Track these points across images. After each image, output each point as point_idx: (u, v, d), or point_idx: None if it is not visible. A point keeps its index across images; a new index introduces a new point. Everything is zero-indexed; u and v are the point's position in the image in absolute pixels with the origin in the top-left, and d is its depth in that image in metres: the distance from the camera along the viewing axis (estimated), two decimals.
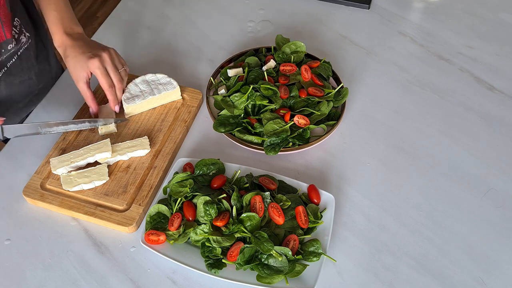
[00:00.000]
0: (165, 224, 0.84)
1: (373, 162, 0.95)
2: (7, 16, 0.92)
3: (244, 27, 1.22)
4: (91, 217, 0.86)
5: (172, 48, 1.17)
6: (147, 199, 0.88)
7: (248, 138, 0.94)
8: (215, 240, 0.79)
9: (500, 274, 0.81)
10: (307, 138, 0.94)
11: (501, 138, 0.99)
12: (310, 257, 0.80)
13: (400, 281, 0.80)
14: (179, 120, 1.00)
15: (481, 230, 0.86)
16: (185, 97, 1.04)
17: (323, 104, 0.97)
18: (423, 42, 1.17)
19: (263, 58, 1.07)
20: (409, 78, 1.10)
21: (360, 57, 1.14)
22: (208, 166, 0.90)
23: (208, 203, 0.82)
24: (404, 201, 0.90)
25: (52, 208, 0.88)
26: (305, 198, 0.87)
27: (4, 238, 0.86)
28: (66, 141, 0.96)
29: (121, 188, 0.90)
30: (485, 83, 1.09)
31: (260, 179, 0.88)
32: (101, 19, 2.62)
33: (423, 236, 0.85)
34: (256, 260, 0.79)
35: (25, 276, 0.82)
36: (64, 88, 1.09)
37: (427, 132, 1.00)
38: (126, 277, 0.81)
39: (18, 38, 0.98)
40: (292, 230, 0.83)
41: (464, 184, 0.92)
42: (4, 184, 0.93)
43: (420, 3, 1.27)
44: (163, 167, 0.93)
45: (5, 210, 0.90)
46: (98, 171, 0.90)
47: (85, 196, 0.89)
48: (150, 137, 0.97)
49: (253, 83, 1.00)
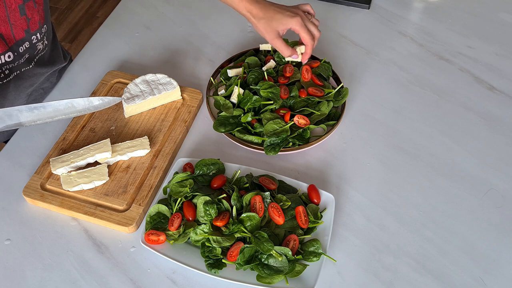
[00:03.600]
0: (165, 224, 0.84)
1: (373, 162, 0.95)
2: (17, 19, 0.93)
3: (244, 27, 1.22)
4: (91, 217, 0.86)
5: (172, 48, 1.17)
6: (147, 199, 0.88)
7: (248, 138, 0.94)
8: (215, 240, 0.79)
9: (500, 274, 0.81)
10: (307, 138, 0.94)
11: (501, 138, 0.99)
12: (310, 257, 0.79)
13: (400, 281, 0.80)
14: (179, 120, 1.00)
15: (481, 230, 0.86)
16: (185, 97, 1.04)
17: (323, 104, 0.97)
18: (423, 42, 1.17)
19: (263, 58, 1.07)
20: (409, 78, 1.10)
21: (360, 57, 1.14)
22: (208, 166, 0.90)
23: (208, 203, 0.82)
24: (404, 201, 0.90)
25: (52, 208, 0.88)
26: (305, 198, 0.87)
27: (4, 238, 0.86)
28: (66, 141, 0.96)
29: (121, 188, 0.90)
30: (485, 83, 1.09)
31: (260, 179, 0.88)
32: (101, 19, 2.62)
33: (423, 236, 0.85)
34: (256, 260, 0.79)
35: (25, 276, 0.82)
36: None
37: (427, 132, 1.00)
38: (126, 277, 0.81)
39: (34, 45, 0.99)
40: (292, 230, 0.83)
41: (464, 184, 0.92)
42: (4, 184, 0.93)
43: (420, 3, 1.27)
44: (163, 167, 0.93)
45: (5, 210, 0.89)
46: (98, 171, 0.90)
47: (85, 196, 0.89)
48: (150, 137, 0.97)
49: (253, 83, 1.00)
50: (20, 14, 0.91)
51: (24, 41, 0.95)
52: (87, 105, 0.94)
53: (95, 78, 1.10)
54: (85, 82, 1.10)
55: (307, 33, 0.96)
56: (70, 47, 2.49)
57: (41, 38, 0.99)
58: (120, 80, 1.07)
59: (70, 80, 1.11)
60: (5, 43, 0.91)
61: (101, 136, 0.98)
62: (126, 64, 1.14)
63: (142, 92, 1.00)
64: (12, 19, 0.90)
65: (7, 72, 0.96)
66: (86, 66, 1.14)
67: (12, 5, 0.89)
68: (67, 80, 1.11)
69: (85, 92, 1.08)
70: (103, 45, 1.19)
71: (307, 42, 0.97)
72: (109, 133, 0.98)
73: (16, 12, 0.90)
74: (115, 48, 1.18)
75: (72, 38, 2.54)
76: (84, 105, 0.94)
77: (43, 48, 1.02)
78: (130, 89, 1.00)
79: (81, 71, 1.13)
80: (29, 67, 1.00)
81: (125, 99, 0.99)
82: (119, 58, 1.15)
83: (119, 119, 1.00)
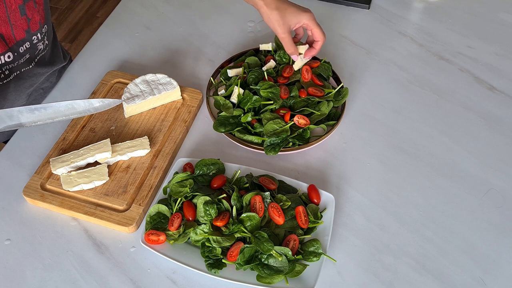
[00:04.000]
0: (165, 224, 0.84)
1: (373, 162, 0.95)
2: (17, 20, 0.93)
3: (244, 27, 1.22)
4: (91, 217, 0.86)
5: (172, 48, 1.17)
6: (147, 199, 0.88)
7: (248, 138, 0.94)
8: (215, 240, 0.79)
9: (500, 274, 0.81)
10: (307, 138, 0.94)
11: (501, 138, 0.99)
12: (310, 257, 0.79)
13: (400, 281, 0.80)
14: (179, 120, 1.00)
15: (481, 230, 0.86)
16: (185, 97, 1.04)
17: (323, 104, 0.97)
18: (423, 42, 1.17)
19: (263, 58, 1.07)
20: (409, 78, 1.10)
21: (360, 57, 1.14)
22: (208, 166, 0.90)
23: (208, 203, 0.82)
24: (404, 201, 0.90)
25: (52, 208, 0.88)
26: (305, 198, 0.87)
27: (4, 238, 0.86)
28: (66, 141, 0.96)
29: (121, 188, 0.90)
30: (485, 83, 1.09)
31: (260, 179, 0.87)
32: (101, 19, 2.62)
33: (423, 236, 0.85)
34: (256, 260, 0.79)
35: (25, 276, 0.82)
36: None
37: (427, 132, 1.00)
38: (126, 277, 0.81)
39: (35, 45, 0.99)
40: (292, 230, 0.82)
41: (464, 184, 0.92)
42: (4, 184, 0.93)
43: (420, 3, 1.27)
44: (163, 167, 0.93)
45: (5, 210, 0.89)
46: (98, 171, 0.90)
47: (85, 196, 0.89)
48: (150, 137, 0.97)
49: (253, 83, 1.00)
50: (21, 15, 0.91)
51: (25, 41, 0.95)
52: (88, 106, 0.94)
53: (95, 78, 1.10)
54: (85, 82, 1.10)
55: (320, 29, 0.96)
56: (70, 47, 2.49)
57: (41, 38, 0.99)
58: (120, 80, 1.07)
59: (70, 80, 1.11)
60: (5, 43, 0.91)
61: (101, 136, 0.98)
62: (126, 64, 1.14)
63: (142, 92, 1.00)
64: (12, 20, 0.90)
65: (7, 73, 0.96)
66: (86, 66, 1.14)
67: (12, 5, 0.89)
68: (67, 80, 1.11)
69: (85, 92, 1.08)
70: (103, 45, 1.19)
71: (320, 38, 0.98)
72: (109, 133, 0.98)
73: (17, 13, 0.90)
74: (115, 48, 1.18)
75: (72, 38, 2.55)
76: (84, 107, 0.94)
77: (43, 48, 1.02)
78: (130, 89, 1.00)
79: (81, 71, 1.13)
80: (29, 67, 1.00)
81: (125, 99, 0.99)
82: (119, 58, 1.15)
83: (119, 119, 1.00)
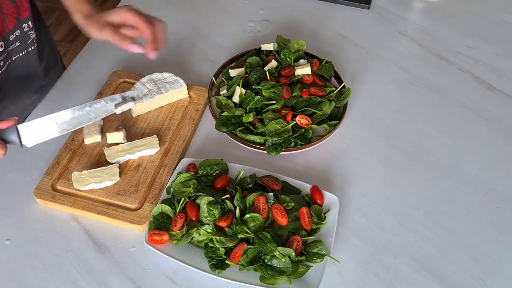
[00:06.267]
0: (168, 224, 0.84)
1: (373, 162, 0.96)
2: (9, 8, 0.93)
3: (244, 27, 1.21)
4: (104, 216, 0.86)
5: (173, 48, 1.17)
6: (159, 197, 0.88)
7: (251, 138, 0.94)
8: (218, 241, 0.79)
9: (500, 274, 0.82)
10: (309, 138, 0.94)
11: (501, 138, 1.00)
12: (314, 258, 0.79)
13: (400, 281, 0.81)
14: (187, 118, 1.00)
15: (481, 230, 0.87)
16: (192, 95, 1.04)
17: (325, 104, 0.97)
18: (423, 42, 1.18)
19: (264, 58, 1.07)
20: (409, 78, 1.10)
21: (360, 57, 1.14)
22: (212, 166, 0.90)
23: (211, 203, 0.82)
24: (404, 201, 0.90)
25: (64, 208, 0.88)
26: (308, 199, 0.87)
27: (4, 238, 0.86)
28: (75, 141, 0.96)
29: (133, 187, 0.90)
30: (485, 83, 1.09)
31: (264, 180, 0.88)
32: None
33: (423, 236, 0.86)
34: (260, 261, 0.79)
35: (25, 276, 0.81)
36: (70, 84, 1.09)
37: (427, 132, 1.00)
38: (126, 277, 0.81)
39: (26, 33, 0.99)
40: (295, 231, 0.83)
41: (464, 184, 0.92)
42: (4, 184, 0.93)
43: (420, 3, 1.27)
44: (173, 165, 0.93)
45: (5, 210, 0.89)
46: (110, 171, 0.89)
47: (97, 196, 0.88)
48: (159, 135, 0.97)
49: (255, 83, 1.00)
50: (11, 2, 0.92)
51: (16, 29, 0.95)
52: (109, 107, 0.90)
53: (96, 78, 1.09)
54: (85, 82, 1.09)
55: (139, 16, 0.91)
56: (70, 47, 2.47)
57: (33, 27, 0.99)
58: (126, 79, 1.07)
59: (70, 80, 1.10)
60: None
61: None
62: (126, 64, 1.13)
63: (150, 91, 1.00)
64: (4, 9, 0.91)
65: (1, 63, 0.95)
66: (86, 66, 1.13)
67: None
68: (67, 80, 1.10)
69: (85, 92, 1.07)
70: (103, 45, 1.17)
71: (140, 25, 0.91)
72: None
73: (7, 0, 0.91)
74: (115, 48, 1.16)
75: (72, 38, 2.53)
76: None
77: (36, 37, 1.02)
78: (137, 88, 1.00)
79: (81, 71, 1.12)
80: (20, 55, 1.00)
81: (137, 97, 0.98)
82: (119, 58, 1.14)
83: (127, 119, 1.00)
